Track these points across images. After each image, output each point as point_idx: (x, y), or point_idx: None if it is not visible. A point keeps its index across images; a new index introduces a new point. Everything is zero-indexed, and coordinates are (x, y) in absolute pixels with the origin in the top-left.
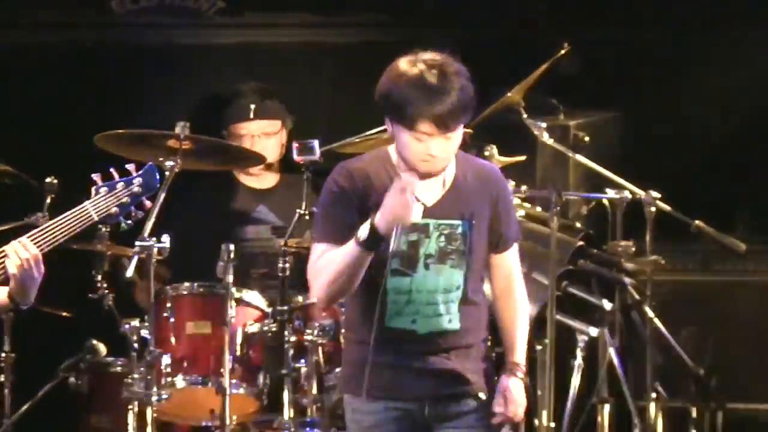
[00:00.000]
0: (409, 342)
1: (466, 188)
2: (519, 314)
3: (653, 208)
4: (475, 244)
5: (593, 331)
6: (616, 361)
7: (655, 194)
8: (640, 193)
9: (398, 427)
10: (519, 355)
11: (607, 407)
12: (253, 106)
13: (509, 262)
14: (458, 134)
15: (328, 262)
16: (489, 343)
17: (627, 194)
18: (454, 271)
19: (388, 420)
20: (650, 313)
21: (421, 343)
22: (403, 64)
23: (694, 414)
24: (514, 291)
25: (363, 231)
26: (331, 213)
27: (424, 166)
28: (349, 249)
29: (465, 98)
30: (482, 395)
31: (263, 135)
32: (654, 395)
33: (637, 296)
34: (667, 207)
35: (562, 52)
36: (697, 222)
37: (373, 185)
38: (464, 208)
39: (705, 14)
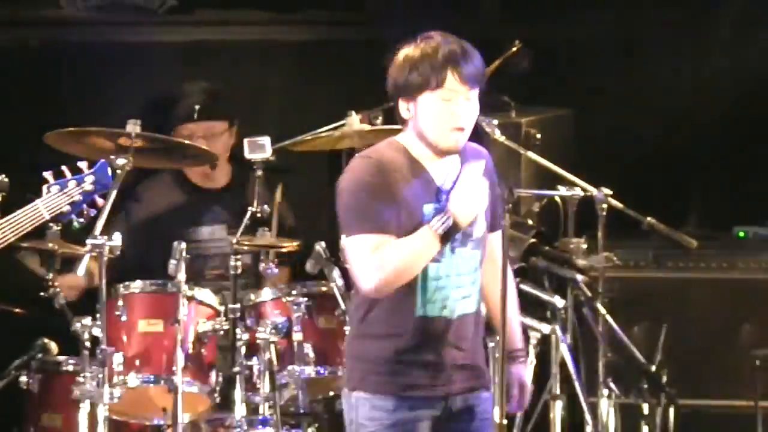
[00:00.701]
0: (439, 330)
1: None
2: (513, 303)
3: (605, 205)
4: (487, 225)
5: (545, 328)
6: (568, 357)
7: (607, 191)
8: (592, 190)
9: (423, 423)
10: (520, 340)
11: (559, 404)
12: (197, 107)
13: (498, 243)
14: (476, 101)
15: (394, 253)
16: None
17: (579, 191)
18: (475, 252)
19: (414, 418)
20: (602, 310)
21: (449, 329)
22: (415, 47)
23: (645, 410)
24: (500, 279)
25: (439, 225)
26: (370, 204)
27: (452, 136)
28: (423, 241)
29: (480, 59)
30: (491, 387)
31: (208, 136)
32: (606, 391)
33: (589, 293)
34: (618, 204)
35: (514, 49)
36: (648, 219)
37: (400, 174)
38: None
39: (657, 12)
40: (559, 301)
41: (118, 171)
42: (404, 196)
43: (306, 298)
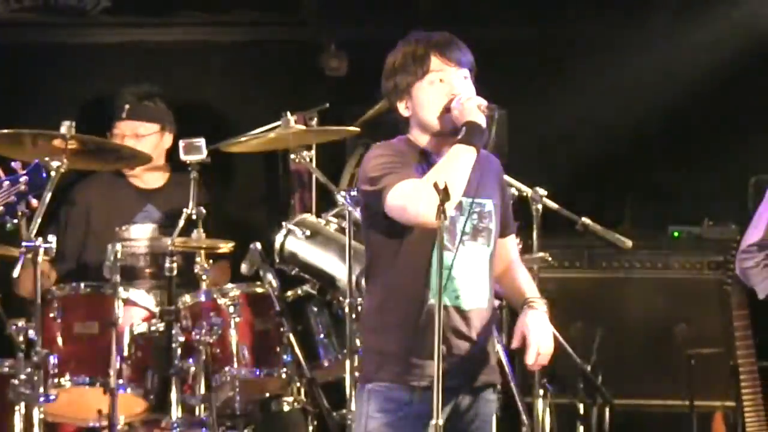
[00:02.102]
0: (453, 320)
1: (483, 172)
2: (525, 276)
3: (540, 206)
4: (498, 225)
5: None
6: (504, 357)
7: (542, 191)
8: (527, 190)
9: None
10: (532, 292)
11: None
12: (126, 107)
13: (513, 247)
14: (470, 82)
15: (434, 173)
16: None
17: (514, 191)
18: (484, 248)
19: (426, 412)
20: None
21: (464, 320)
22: (396, 51)
23: (581, 410)
24: (518, 268)
25: (460, 136)
26: (400, 160)
27: (454, 111)
28: (455, 151)
29: (466, 48)
30: (499, 386)
31: (135, 136)
32: (542, 391)
33: None
34: (553, 204)
35: None
36: (583, 219)
37: (412, 164)
38: (488, 189)
39: (591, 11)
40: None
41: (53, 173)
42: None
43: (242, 300)
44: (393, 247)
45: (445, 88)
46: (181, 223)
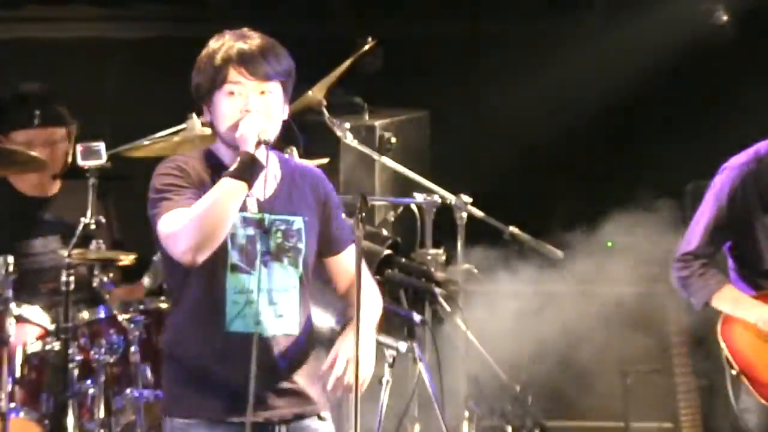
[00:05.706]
0: (255, 348)
1: (296, 187)
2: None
3: (464, 214)
4: (310, 244)
5: (402, 346)
6: (426, 377)
7: (467, 198)
8: (451, 197)
9: None
10: (357, 314)
11: (417, 426)
12: (38, 112)
13: (349, 262)
14: (276, 95)
15: (198, 206)
16: None
17: (437, 198)
18: (291, 269)
19: None
20: (462, 326)
21: (265, 349)
22: (206, 48)
23: None
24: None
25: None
26: (176, 186)
27: (245, 128)
28: (224, 185)
29: (271, 45)
30: (324, 414)
31: (48, 142)
32: (467, 413)
33: (448, 308)
34: (479, 212)
35: (366, 47)
36: (511, 228)
37: (202, 179)
38: (298, 206)
39: (520, 9)
40: (416, 317)
41: None
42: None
43: (143, 316)
44: (183, 268)
45: (240, 102)
46: (79, 233)
